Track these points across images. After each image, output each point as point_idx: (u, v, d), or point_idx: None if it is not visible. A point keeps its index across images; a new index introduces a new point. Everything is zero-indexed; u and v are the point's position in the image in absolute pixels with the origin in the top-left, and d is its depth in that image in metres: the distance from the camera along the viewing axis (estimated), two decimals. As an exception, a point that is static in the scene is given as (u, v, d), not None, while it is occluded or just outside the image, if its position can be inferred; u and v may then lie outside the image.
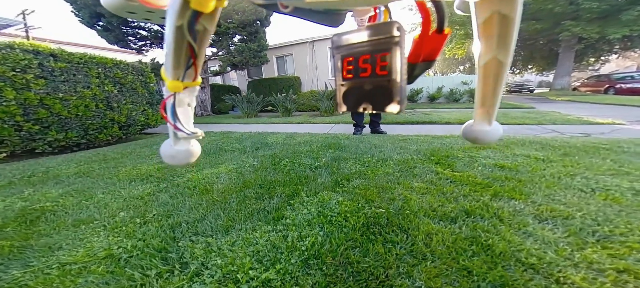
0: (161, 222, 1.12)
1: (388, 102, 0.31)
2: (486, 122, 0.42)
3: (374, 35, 0.30)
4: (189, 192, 1.42)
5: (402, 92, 0.30)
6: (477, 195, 1.19)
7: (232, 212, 1.18)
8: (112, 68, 3.32)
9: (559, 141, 2.11)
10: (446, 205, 1.10)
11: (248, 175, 1.64)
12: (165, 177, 1.69)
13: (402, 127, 3.55)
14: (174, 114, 0.37)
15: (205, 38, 0.35)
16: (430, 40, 0.36)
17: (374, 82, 0.31)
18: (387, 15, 0.41)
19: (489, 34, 0.34)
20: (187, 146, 0.42)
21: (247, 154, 2.21)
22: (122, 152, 2.61)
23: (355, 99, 0.33)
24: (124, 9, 0.38)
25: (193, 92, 0.41)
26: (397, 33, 0.28)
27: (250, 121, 5.57)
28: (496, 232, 0.91)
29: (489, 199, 1.14)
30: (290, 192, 1.35)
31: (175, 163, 0.42)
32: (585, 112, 4.68)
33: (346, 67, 0.33)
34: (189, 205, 1.26)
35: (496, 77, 0.36)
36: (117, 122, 3.36)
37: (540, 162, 1.57)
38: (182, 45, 0.32)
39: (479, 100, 0.41)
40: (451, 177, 1.41)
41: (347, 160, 1.82)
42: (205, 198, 1.34)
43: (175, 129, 0.38)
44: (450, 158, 1.73)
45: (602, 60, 14.66)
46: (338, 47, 0.34)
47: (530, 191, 1.20)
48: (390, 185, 1.35)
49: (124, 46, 7.43)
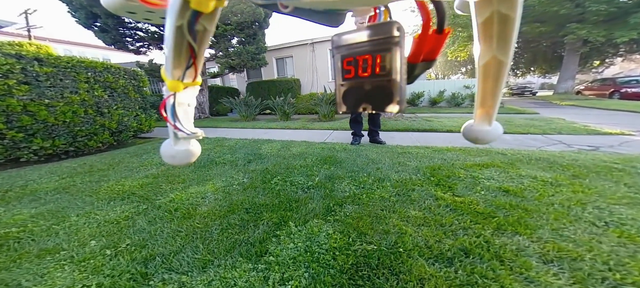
0: (134, 254, 1.02)
1: (388, 102, 0.30)
2: (486, 122, 0.41)
3: (374, 35, 0.29)
4: (169, 216, 1.32)
5: (402, 92, 0.29)
6: (478, 228, 1.08)
7: (212, 243, 1.08)
8: (102, 72, 3.22)
9: (567, 158, 1.99)
10: (443, 242, 0.99)
11: (236, 196, 1.54)
12: (147, 196, 1.59)
13: (402, 135, 3.44)
14: (173, 114, 0.37)
15: (205, 38, 0.34)
16: (430, 40, 0.35)
17: (373, 82, 0.31)
18: (387, 15, 0.40)
19: (489, 34, 0.33)
20: (187, 146, 0.41)
21: (237, 168, 2.11)
22: (109, 163, 2.52)
23: (355, 98, 0.33)
24: (123, 9, 0.37)
25: (193, 92, 0.40)
26: (397, 33, 0.28)
27: (247, 125, 5.48)
28: (495, 277, 0.80)
29: (490, 234, 1.03)
30: (278, 220, 1.24)
31: (175, 163, 0.41)
32: (591, 119, 4.55)
33: (346, 67, 0.32)
34: (167, 234, 1.16)
35: (496, 77, 0.35)
36: (108, 128, 3.26)
37: (548, 185, 1.46)
38: (182, 45, 0.31)
39: (479, 101, 0.40)
40: (451, 204, 1.30)
41: (342, 179, 1.72)
42: (186, 224, 1.24)
43: (175, 129, 0.38)
44: (451, 179, 1.62)
45: (606, 63, 14.44)
46: (338, 47, 0.33)
47: (536, 224, 1.09)
48: (385, 214, 1.24)
49: (121, 47, 7.35)
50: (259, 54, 7.06)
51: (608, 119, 4.59)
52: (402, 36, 0.29)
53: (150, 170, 2.17)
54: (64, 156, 2.94)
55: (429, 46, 0.36)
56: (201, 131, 0.41)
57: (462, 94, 7.56)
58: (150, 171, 2.15)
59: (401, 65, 0.29)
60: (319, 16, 0.37)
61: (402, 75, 0.29)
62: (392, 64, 0.29)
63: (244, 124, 5.78)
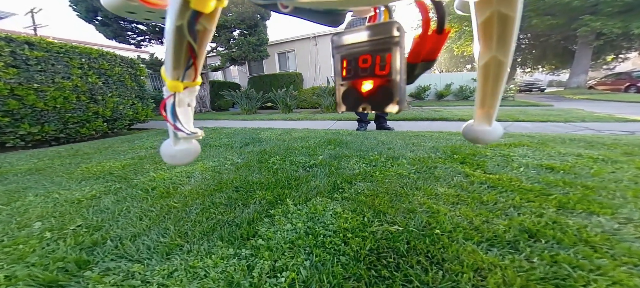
0: (81, 238, 0.82)
1: (388, 102, 0.30)
2: (486, 122, 0.40)
3: (374, 35, 0.29)
4: (143, 195, 1.12)
5: (402, 92, 0.29)
6: (533, 206, 0.85)
7: (187, 225, 0.87)
8: (97, 58, 3.07)
9: (606, 139, 1.73)
10: (494, 222, 0.76)
11: (226, 175, 1.33)
12: (126, 176, 1.40)
13: (410, 124, 3.20)
14: (173, 114, 0.36)
15: (206, 38, 0.34)
16: (430, 40, 0.35)
17: (373, 82, 0.30)
18: (387, 15, 0.39)
19: (489, 34, 0.33)
20: (187, 146, 0.40)
21: (232, 150, 1.90)
22: (98, 147, 2.34)
23: (355, 98, 0.33)
24: (124, 8, 0.36)
25: (193, 92, 0.39)
26: (397, 33, 0.28)
27: (248, 117, 5.29)
28: (597, 268, 0.57)
29: (554, 212, 0.80)
30: (273, 198, 1.03)
31: (175, 163, 0.39)
32: (613, 110, 4.24)
33: (346, 67, 0.32)
34: (134, 214, 0.96)
35: (496, 76, 0.35)
36: (101, 115, 3.10)
37: (601, 162, 1.21)
38: (182, 45, 0.31)
39: (479, 100, 0.39)
40: (487, 181, 1.07)
41: (349, 157, 1.50)
42: (161, 204, 1.03)
43: (175, 129, 0.37)
44: (477, 157, 1.39)
45: (620, 58, 13.91)
46: (338, 47, 0.33)
47: (612, 202, 0.86)
48: (406, 191, 1.02)
49: (122, 41, 7.26)
50: (261, 45, 6.89)
51: (631, 110, 4.27)
52: (402, 36, 0.28)
53: (139, 153, 1.98)
54: (54, 143, 2.78)
55: (428, 46, 0.36)
56: (201, 131, 0.40)
57: (470, 87, 7.26)
58: (138, 153, 1.96)
59: (401, 65, 0.29)
60: (318, 16, 0.37)
61: (402, 75, 0.29)
62: (392, 64, 0.29)
63: (245, 116, 5.60)
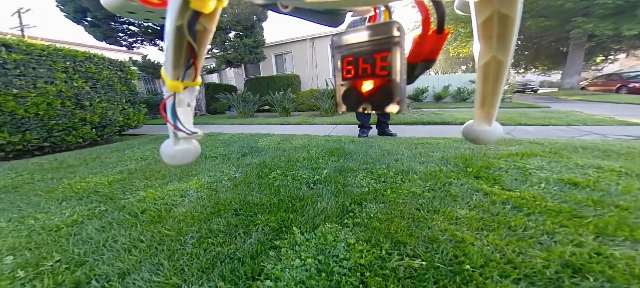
0: (61, 277, 0.71)
1: (388, 102, 0.30)
2: (486, 123, 0.39)
3: (374, 35, 0.29)
4: (132, 220, 1.00)
5: (402, 92, 0.29)
6: (568, 232, 0.76)
7: (183, 259, 0.76)
8: (83, 61, 2.90)
9: (619, 146, 1.68)
10: (529, 253, 0.68)
11: (223, 194, 1.22)
12: (113, 195, 1.27)
13: (411, 128, 3.14)
14: (174, 114, 0.35)
15: (206, 38, 0.33)
16: (430, 40, 0.35)
17: (374, 82, 0.30)
18: (387, 15, 0.38)
19: (489, 34, 0.32)
20: (187, 146, 0.39)
21: (229, 162, 1.79)
22: (85, 158, 2.19)
23: (355, 98, 0.33)
24: (124, 8, 0.36)
25: (193, 92, 0.39)
26: (397, 33, 0.28)
27: (245, 121, 5.16)
28: None
29: (594, 240, 0.72)
30: (277, 224, 0.93)
31: (175, 163, 0.39)
32: (610, 112, 4.26)
33: (346, 67, 0.32)
34: (122, 244, 0.84)
35: (496, 77, 0.34)
36: (89, 122, 2.94)
37: (625, 176, 1.15)
38: (182, 45, 0.31)
39: (479, 101, 0.38)
40: (508, 200, 0.99)
41: (355, 172, 1.40)
42: (152, 231, 0.92)
43: (175, 129, 0.36)
44: (492, 171, 1.31)
45: (609, 59, 14.24)
46: (338, 47, 0.33)
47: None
48: (423, 215, 0.93)
49: (113, 43, 7.03)
50: (257, 47, 6.76)
51: (628, 111, 4.31)
52: (402, 36, 0.28)
53: (128, 165, 1.85)
54: (38, 152, 2.61)
55: (428, 46, 0.35)
56: (201, 131, 0.40)
57: (468, 89, 7.27)
58: (128, 166, 1.83)
59: (401, 65, 0.28)
60: (318, 16, 0.37)
61: (402, 75, 0.29)
62: (392, 64, 0.28)
63: (242, 120, 5.46)
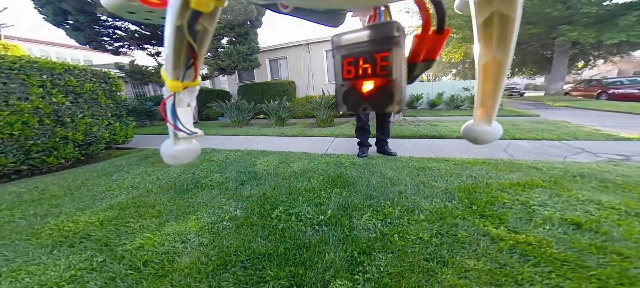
0: None
1: (388, 102, 0.30)
2: (486, 122, 0.39)
3: (374, 35, 0.29)
4: (135, 275, 0.93)
5: (402, 92, 0.29)
6: (571, 286, 0.76)
7: None
8: (62, 74, 2.72)
9: (614, 173, 1.72)
10: None
11: (227, 240, 1.16)
12: (108, 240, 1.19)
13: (410, 143, 3.15)
14: (174, 114, 0.36)
15: (206, 38, 0.34)
16: (430, 40, 0.34)
17: (374, 82, 0.30)
18: (387, 15, 0.38)
19: (489, 34, 0.32)
20: (187, 146, 0.39)
21: (228, 193, 1.72)
22: (68, 186, 2.05)
23: (356, 99, 0.32)
24: (124, 8, 0.36)
25: (193, 92, 0.39)
26: (397, 33, 0.28)
27: (239, 131, 5.04)
28: None
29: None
30: (288, 282, 0.88)
31: (175, 163, 0.39)
32: (596, 122, 4.46)
33: (346, 67, 0.31)
34: None
35: (496, 77, 0.35)
36: (72, 140, 2.77)
37: (625, 215, 1.18)
38: (182, 45, 0.31)
39: (479, 101, 0.38)
40: (515, 247, 0.99)
41: (360, 210, 1.37)
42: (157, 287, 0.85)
43: (176, 129, 0.37)
44: (496, 207, 1.31)
45: (590, 65, 14.97)
46: (338, 47, 0.32)
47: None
48: (433, 267, 0.91)
49: (97, 47, 6.72)
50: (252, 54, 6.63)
51: (611, 122, 4.52)
52: (402, 36, 0.28)
53: (118, 197, 1.74)
54: (15, 176, 2.43)
55: (429, 46, 0.35)
56: (201, 131, 0.40)
57: (461, 96, 7.42)
58: (118, 199, 1.72)
59: (401, 65, 0.28)
60: (319, 16, 0.37)
61: (402, 75, 0.29)
62: (392, 64, 0.28)
63: (236, 129, 5.34)
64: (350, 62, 0.31)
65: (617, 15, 8.23)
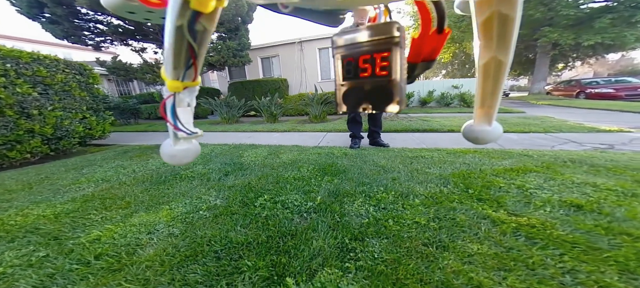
0: None
1: (388, 101, 0.30)
2: (486, 122, 0.38)
3: (374, 35, 0.29)
4: (81, 271, 0.79)
5: (402, 91, 0.29)
6: (589, 270, 0.70)
7: None
8: (29, 64, 2.49)
9: (603, 159, 1.73)
10: None
11: (201, 230, 1.03)
12: (59, 234, 1.03)
13: (402, 136, 3.11)
14: (174, 114, 0.36)
15: (206, 38, 0.33)
16: (430, 40, 0.35)
17: (374, 82, 0.30)
18: (387, 15, 0.39)
19: (489, 34, 0.32)
20: (187, 146, 0.40)
21: (210, 184, 1.58)
22: (30, 180, 1.84)
23: (355, 99, 0.32)
24: (124, 8, 0.36)
25: (193, 92, 0.39)
26: (397, 33, 0.28)
27: (229, 128, 4.86)
28: None
29: (619, 279, 0.66)
30: (268, 272, 0.77)
31: (174, 162, 0.40)
32: (578, 117, 4.62)
33: (346, 67, 0.32)
34: None
35: (496, 77, 0.34)
36: (39, 134, 2.52)
37: (623, 196, 1.14)
38: (182, 45, 0.31)
39: (479, 100, 0.38)
40: (519, 229, 0.92)
41: (352, 196, 1.28)
42: (108, 283, 0.72)
43: (176, 129, 0.36)
44: (492, 191, 1.26)
45: (569, 66, 15.75)
46: (338, 47, 0.32)
47: None
48: (432, 252, 0.82)
49: (76, 42, 6.34)
50: (242, 50, 6.46)
51: (592, 117, 4.69)
52: (402, 36, 0.28)
53: (85, 190, 1.56)
54: (-31, 173, 2.17)
55: (429, 46, 0.35)
56: (201, 131, 0.39)
57: (451, 94, 7.55)
58: (84, 191, 1.54)
59: (401, 65, 0.29)
60: (319, 16, 0.37)
61: (402, 75, 0.29)
62: (392, 64, 0.29)
63: (226, 126, 5.15)
64: (350, 62, 0.31)
65: (593, 17, 8.68)
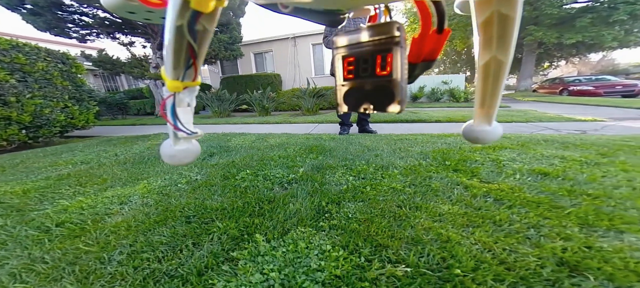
0: None
1: (389, 102, 0.30)
2: (486, 122, 0.39)
3: (374, 35, 0.29)
4: (37, 236, 0.77)
5: (403, 92, 0.29)
6: (553, 224, 0.73)
7: (100, 282, 0.57)
8: (8, 51, 2.39)
9: (573, 139, 1.82)
10: (520, 251, 0.62)
11: (176, 199, 1.02)
12: (23, 207, 1.00)
13: (391, 126, 3.16)
14: (174, 114, 0.36)
15: (206, 38, 0.34)
16: (430, 40, 0.34)
17: (374, 82, 0.30)
18: (387, 15, 0.39)
19: (489, 34, 0.32)
20: (187, 146, 0.40)
21: (193, 163, 1.56)
22: (3, 164, 1.77)
23: (356, 99, 0.32)
24: (124, 8, 0.36)
25: (193, 92, 0.39)
26: (397, 33, 0.28)
27: (220, 121, 4.80)
28: None
29: (580, 232, 0.69)
30: (237, 232, 0.77)
31: (174, 163, 0.39)
32: (557, 110, 4.80)
33: (346, 67, 0.32)
34: (10, 269, 0.62)
35: (496, 76, 0.34)
36: (16, 121, 2.42)
37: (586, 165, 1.21)
38: (182, 45, 0.31)
39: (479, 100, 0.38)
40: (489, 193, 0.96)
41: (334, 169, 1.29)
42: (64, 248, 0.71)
43: (176, 129, 0.36)
44: (469, 163, 1.30)
45: (554, 65, 16.37)
46: (338, 48, 0.32)
47: (629, 215, 0.78)
48: (405, 212, 0.85)
49: (59, 34, 6.09)
50: (233, 43, 6.38)
51: (571, 110, 4.89)
52: (402, 36, 0.28)
53: (61, 170, 1.52)
54: (-62, 160, 2.06)
55: (429, 46, 0.34)
56: (201, 131, 0.39)
57: (441, 89, 7.71)
58: (60, 171, 1.50)
59: (402, 65, 0.28)
60: (318, 16, 0.37)
61: (403, 75, 0.29)
62: (393, 64, 0.28)
63: (217, 119, 5.08)
64: (350, 63, 0.31)
65: (575, 17, 9.03)
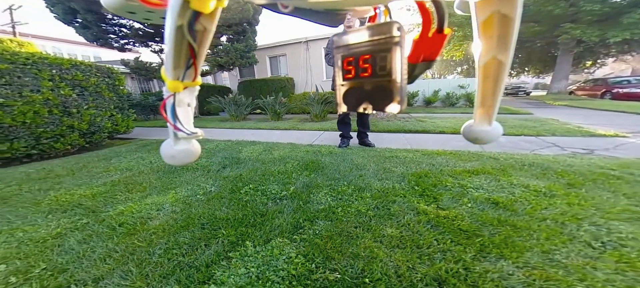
0: (46, 282, 0.86)
1: (388, 101, 0.30)
2: (486, 122, 0.40)
3: (374, 35, 0.29)
4: (109, 233, 1.15)
5: (403, 92, 0.29)
6: (458, 250, 0.93)
7: (149, 267, 0.91)
8: (69, 69, 2.99)
9: (561, 163, 1.86)
10: (417, 269, 0.84)
11: (196, 208, 1.36)
12: (95, 208, 1.41)
13: (392, 136, 3.30)
14: (174, 114, 0.36)
15: (206, 38, 0.34)
16: (430, 40, 0.35)
17: (374, 82, 0.31)
18: (387, 14, 0.39)
19: (489, 34, 0.32)
20: (188, 146, 0.40)
21: (209, 174, 1.93)
22: (71, 167, 2.31)
23: (356, 99, 0.33)
24: (124, 8, 0.36)
25: (193, 92, 0.40)
26: (397, 33, 0.28)
27: (236, 125, 5.28)
28: None
29: (472, 258, 0.89)
30: (235, 238, 1.08)
31: (175, 163, 0.40)
32: (584, 120, 4.48)
33: (346, 67, 0.32)
34: (99, 255, 0.99)
35: (496, 77, 0.35)
36: (77, 129, 3.04)
37: (542, 196, 1.32)
38: (182, 45, 0.31)
39: (479, 101, 0.39)
40: (433, 220, 1.15)
41: (320, 188, 1.56)
42: (126, 243, 1.07)
43: (175, 129, 0.37)
44: (437, 189, 1.47)
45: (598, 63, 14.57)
46: (338, 47, 0.33)
47: (525, 244, 0.95)
48: (358, 233, 1.09)
49: (103, 44, 7.06)
50: (249, 51, 6.84)
51: (600, 120, 4.53)
52: (402, 36, 0.28)
53: (112, 177, 1.98)
54: (26, 160, 2.71)
55: (429, 46, 0.36)
56: (201, 131, 0.40)
57: (456, 94, 7.46)
58: (112, 177, 1.96)
59: (402, 65, 0.29)
60: (318, 16, 0.37)
61: (403, 75, 0.29)
62: (393, 64, 0.29)
63: (233, 123, 5.58)
64: (350, 62, 0.31)
65: (622, 13, 8.04)
